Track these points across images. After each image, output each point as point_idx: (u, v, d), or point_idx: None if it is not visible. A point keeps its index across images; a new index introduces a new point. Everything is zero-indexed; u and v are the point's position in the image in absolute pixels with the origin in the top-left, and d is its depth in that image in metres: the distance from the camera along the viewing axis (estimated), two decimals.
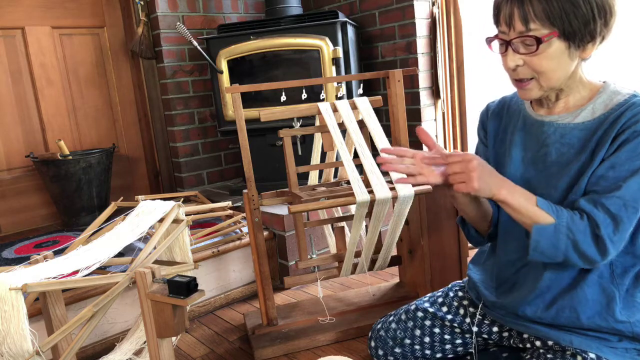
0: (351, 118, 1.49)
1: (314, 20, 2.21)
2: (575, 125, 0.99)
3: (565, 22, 0.89)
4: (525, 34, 0.91)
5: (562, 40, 0.91)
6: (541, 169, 1.03)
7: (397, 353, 1.24)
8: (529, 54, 0.93)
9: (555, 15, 0.89)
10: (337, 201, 1.37)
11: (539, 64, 0.93)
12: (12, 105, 2.38)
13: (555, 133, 1.01)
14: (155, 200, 1.46)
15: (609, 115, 0.95)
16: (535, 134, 1.05)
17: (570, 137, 0.99)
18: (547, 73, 0.94)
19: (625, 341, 0.99)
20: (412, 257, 1.68)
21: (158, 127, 2.71)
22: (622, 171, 0.91)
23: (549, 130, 1.02)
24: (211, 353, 1.57)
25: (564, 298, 1.01)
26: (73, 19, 2.51)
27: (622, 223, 0.90)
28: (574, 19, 0.89)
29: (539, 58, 0.93)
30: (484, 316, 1.20)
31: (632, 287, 0.99)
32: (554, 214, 0.93)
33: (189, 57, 2.64)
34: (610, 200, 0.90)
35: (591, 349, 0.99)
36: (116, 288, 1.16)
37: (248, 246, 1.95)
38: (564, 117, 1.01)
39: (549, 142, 1.02)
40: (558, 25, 0.90)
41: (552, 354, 1.02)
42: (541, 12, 0.89)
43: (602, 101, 0.97)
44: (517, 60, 0.94)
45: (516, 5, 0.91)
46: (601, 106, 0.97)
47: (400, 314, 1.28)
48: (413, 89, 2.45)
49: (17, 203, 2.42)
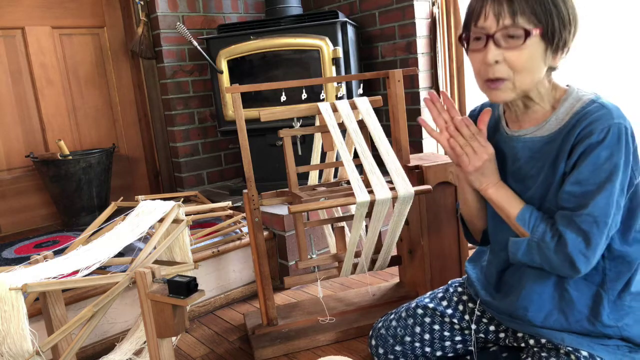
0: (351, 118, 1.49)
1: (314, 20, 2.21)
2: (541, 138, 1.01)
3: (549, 22, 0.91)
4: (513, 26, 0.92)
5: (543, 40, 0.93)
6: (518, 180, 1.07)
7: (398, 351, 1.24)
8: (513, 48, 0.93)
9: (542, 13, 0.91)
10: (337, 201, 1.37)
11: (518, 60, 0.93)
12: (12, 105, 2.38)
13: (524, 148, 1.04)
14: (155, 200, 1.46)
15: (568, 124, 0.96)
16: (509, 149, 1.08)
17: (537, 150, 1.02)
18: (523, 72, 0.94)
19: (615, 339, 1.00)
20: (412, 257, 1.68)
21: (158, 127, 2.71)
22: (588, 186, 0.92)
23: (518, 146, 1.05)
24: (211, 353, 1.57)
25: (552, 301, 1.03)
26: (73, 19, 2.52)
27: (593, 239, 0.92)
28: (557, 20, 0.92)
29: (519, 54, 0.93)
30: (483, 313, 1.21)
31: (622, 291, 1.00)
32: (529, 229, 0.99)
33: (189, 57, 2.64)
34: (580, 217, 0.93)
35: (583, 347, 1.00)
36: (116, 288, 1.16)
37: (248, 246, 1.95)
38: (531, 130, 1.03)
39: (520, 156, 1.05)
40: (543, 23, 0.91)
41: (547, 352, 1.03)
42: (529, 7, 0.91)
43: (564, 110, 0.98)
44: (497, 54, 0.94)
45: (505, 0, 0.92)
46: (563, 115, 0.98)
47: (401, 311, 1.29)
48: (413, 89, 2.45)
49: (17, 203, 2.42)
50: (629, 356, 1.00)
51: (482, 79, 1.00)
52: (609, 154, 0.90)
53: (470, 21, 0.98)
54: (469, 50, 1.01)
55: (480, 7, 0.95)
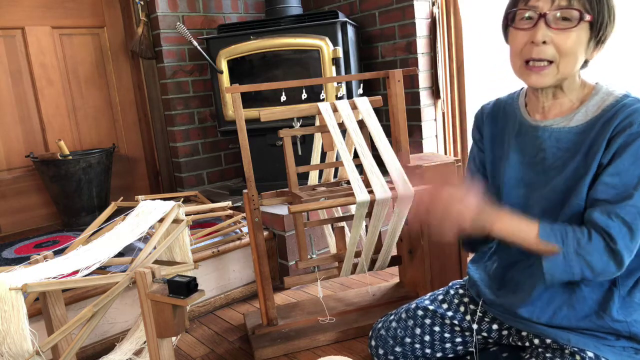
0: (351, 118, 1.49)
1: (314, 20, 2.21)
2: (570, 129, 0.99)
3: (600, 12, 0.92)
4: (568, 7, 0.91)
5: (591, 29, 0.93)
6: (539, 171, 1.04)
7: (398, 352, 1.24)
8: (563, 30, 0.92)
9: (595, 2, 0.92)
10: (337, 201, 1.37)
11: (566, 42, 0.92)
12: (12, 105, 2.38)
13: (550, 138, 1.02)
14: (155, 200, 1.46)
15: (601, 117, 0.95)
16: (531, 139, 1.05)
17: (565, 141, 1.00)
18: (569, 56, 0.94)
19: (622, 340, 1.00)
20: (412, 257, 1.68)
21: (158, 127, 2.71)
22: (629, 178, 0.91)
23: (544, 135, 1.03)
24: (211, 353, 1.57)
25: (562, 296, 1.02)
26: (73, 19, 2.52)
27: (637, 231, 0.91)
28: (606, 13, 0.93)
29: (568, 37, 0.92)
30: (485, 314, 1.20)
31: (633, 287, 1.00)
32: (559, 242, 0.93)
33: (189, 57, 2.64)
34: (624, 209, 0.90)
35: (589, 348, 0.99)
36: (116, 288, 1.16)
37: (248, 246, 1.95)
38: (558, 121, 1.01)
39: (545, 146, 1.03)
40: (595, 10, 0.92)
41: (551, 352, 1.02)
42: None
43: (594, 103, 0.98)
44: (546, 35, 0.93)
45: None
46: (594, 108, 0.97)
47: (401, 312, 1.29)
48: (413, 89, 2.45)
49: (17, 203, 2.42)
50: (635, 358, 0.99)
51: (522, 59, 0.98)
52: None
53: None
54: (513, 27, 0.98)
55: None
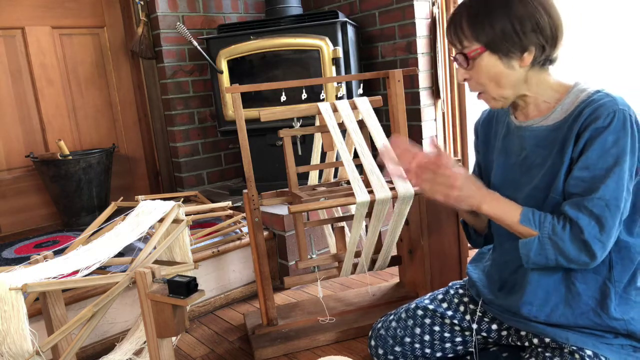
0: (351, 118, 1.49)
1: (314, 20, 2.21)
2: (547, 127, 1.03)
3: (488, 37, 0.97)
4: (459, 52, 1.01)
5: (491, 53, 0.98)
6: (524, 171, 1.07)
7: (397, 352, 1.24)
8: (468, 69, 1.01)
9: (478, 31, 0.97)
10: (337, 201, 1.37)
11: (478, 77, 1.01)
12: (12, 105, 2.38)
13: (531, 137, 1.05)
14: (155, 200, 1.46)
15: (573, 113, 0.98)
16: (515, 139, 1.09)
17: (543, 138, 1.03)
18: (489, 85, 1.01)
19: (620, 338, 1.00)
20: (412, 257, 1.68)
21: (158, 127, 2.71)
22: (597, 170, 0.93)
23: (526, 135, 1.06)
24: (211, 353, 1.57)
25: (558, 295, 1.03)
26: (73, 19, 2.51)
27: (606, 223, 0.92)
28: (494, 33, 0.96)
29: (477, 72, 1.01)
30: (484, 313, 1.20)
31: (628, 284, 1.00)
32: (536, 227, 0.98)
33: (189, 57, 2.64)
34: (592, 202, 0.93)
35: (587, 346, 1.00)
36: (116, 288, 1.16)
37: (248, 246, 1.95)
38: (538, 120, 1.05)
39: (527, 145, 1.06)
40: (482, 40, 0.97)
41: (550, 352, 1.03)
42: (467, 29, 0.98)
43: (569, 101, 1.00)
44: (463, 73, 1.03)
45: (452, 27, 1.01)
46: (568, 105, 1.00)
47: (401, 312, 1.29)
48: (413, 89, 2.45)
49: (17, 203, 2.42)
50: (634, 356, 1.00)
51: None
52: (615, 138, 0.92)
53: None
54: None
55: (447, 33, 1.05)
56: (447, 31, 1.03)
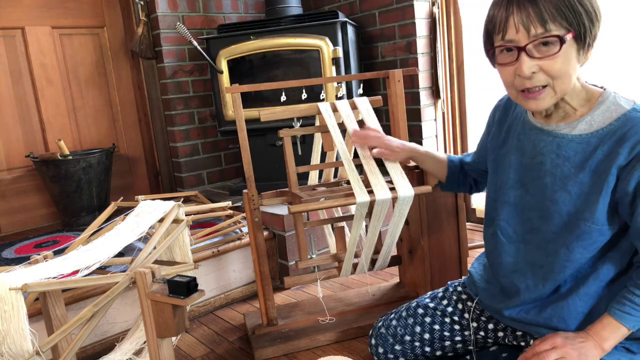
0: (351, 118, 1.49)
1: (314, 20, 2.21)
2: (573, 137, 0.96)
3: (580, 22, 0.87)
4: (546, 35, 0.87)
5: (576, 42, 0.89)
6: (535, 176, 1.02)
7: (397, 350, 1.24)
8: (548, 57, 0.89)
9: (570, 14, 0.86)
10: (337, 202, 1.37)
11: (554, 67, 0.89)
12: (12, 105, 2.38)
13: (551, 143, 0.99)
14: (155, 200, 1.46)
15: (609, 132, 0.92)
16: (532, 140, 1.04)
17: (566, 149, 0.97)
18: (562, 77, 0.90)
19: None
20: (412, 257, 1.68)
21: (158, 127, 2.71)
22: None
23: (546, 139, 1.00)
24: (211, 353, 1.57)
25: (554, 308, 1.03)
26: (73, 19, 2.51)
27: None
28: (586, 19, 0.87)
29: (555, 61, 0.89)
30: (482, 312, 1.21)
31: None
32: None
33: (189, 57, 2.64)
34: None
35: None
36: (116, 288, 1.16)
37: (248, 246, 1.95)
38: (562, 127, 0.98)
39: (545, 151, 1.00)
40: (574, 25, 0.87)
41: None
42: (557, 12, 0.86)
43: (600, 113, 0.94)
44: (533, 66, 0.90)
45: (531, 8, 0.87)
46: (599, 118, 0.94)
47: (402, 311, 1.29)
48: (413, 89, 2.45)
49: (17, 203, 2.42)
50: (627, 356, 1.00)
51: (516, 90, 0.95)
52: None
53: (494, 33, 0.93)
54: (497, 64, 0.96)
55: (505, 18, 0.90)
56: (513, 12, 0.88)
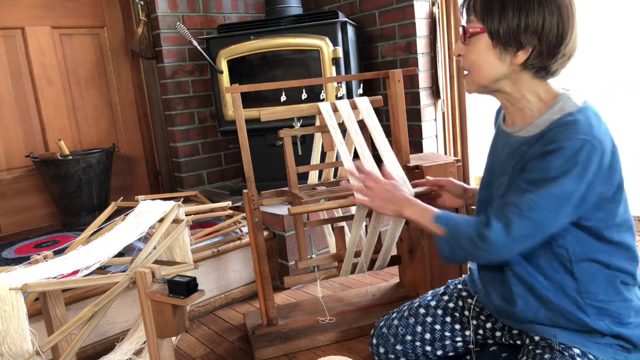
0: (351, 118, 1.49)
1: (314, 20, 2.21)
2: (520, 138, 1.03)
3: (494, 22, 0.96)
4: (464, 25, 1.02)
5: (489, 38, 0.98)
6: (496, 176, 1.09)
7: (398, 350, 1.24)
8: (468, 46, 1.02)
9: (486, 13, 0.97)
10: (337, 202, 1.37)
11: (469, 56, 1.02)
12: (12, 105, 2.38)
13: (507, 144, 1.06)
14: (155, 200, 1.46)
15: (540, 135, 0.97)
16: (499, 143, 1.11)
17: (512, 149, 1.04)
18: (475, 67, 1.02)
19: (607, 337, 1.00)
20: (412, 257, 1.68)
21: (158, 127, 2.71)
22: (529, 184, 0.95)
23: (506, 141, 1.07)
24: (211, 353, 1.57)
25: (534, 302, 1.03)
26: (73, 19, 2.51)
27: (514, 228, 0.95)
28: (500, 22, 0.96)
29: (469, 50, 1.02)
30: (481, 310, 1.22)
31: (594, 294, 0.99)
32: (445, 226, 1.07)
33: (189, 57, 2.64)
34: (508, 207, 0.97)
35: (575, 344, 1.01)
36: (116, 288, 1.16)
37: (248, 246, 1.95)
38: (517, 129, 1.04)
39: (504, 152, 1.07)
40: (487, 23, 0.97)
41: (541, 349, 1.04)
42: (479, 7, 0.98)
43: (546, 117, 0.98)
44: (461, 49, 1.04)
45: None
46: (543, 121, 0.98)
47: (403, 310, 1.29)
48: (413, 89, 2.45)
49: (17, 203, 2.42)
50: (622, 354, 1.00)
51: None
52: (561, 163, 0.90)
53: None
54: None
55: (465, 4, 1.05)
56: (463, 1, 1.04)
